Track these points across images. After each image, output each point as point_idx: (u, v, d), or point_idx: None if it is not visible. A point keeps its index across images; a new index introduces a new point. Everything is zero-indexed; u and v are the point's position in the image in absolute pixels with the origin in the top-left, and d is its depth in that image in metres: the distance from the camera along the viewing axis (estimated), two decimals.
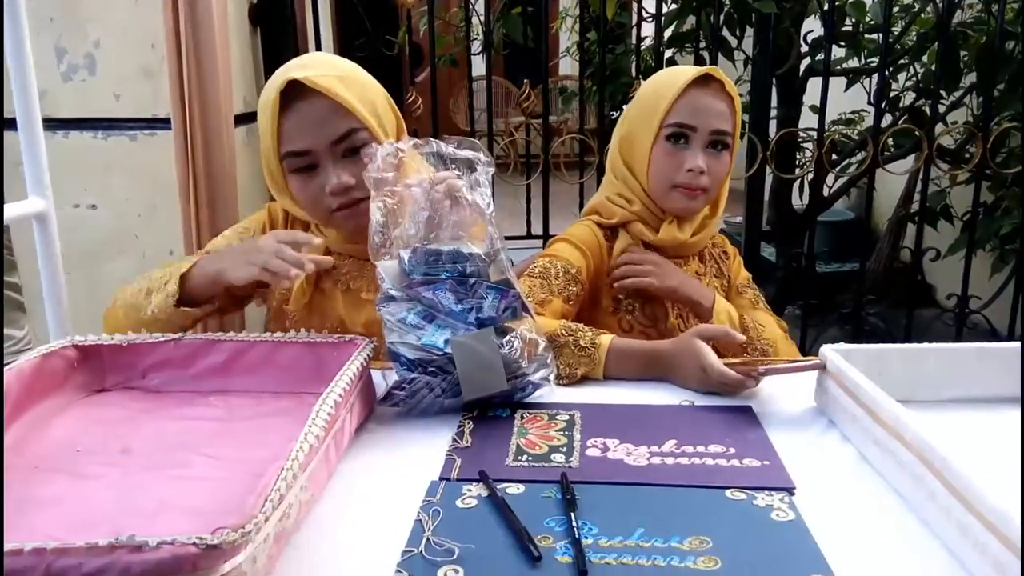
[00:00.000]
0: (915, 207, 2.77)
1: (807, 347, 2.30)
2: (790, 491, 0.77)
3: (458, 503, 0.75)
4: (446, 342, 0.93)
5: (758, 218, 2.36)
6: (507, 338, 0.94)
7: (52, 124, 1.77)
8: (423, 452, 0.87)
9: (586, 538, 0.69)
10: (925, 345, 0.98)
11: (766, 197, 2.54)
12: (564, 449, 0.86)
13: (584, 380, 1.07)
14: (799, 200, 2.97)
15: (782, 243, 3.00)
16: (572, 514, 0.71)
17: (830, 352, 0.94)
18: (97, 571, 0.54)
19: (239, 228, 1.24)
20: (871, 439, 0.82)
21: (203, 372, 1.02)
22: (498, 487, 0.77)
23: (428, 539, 0.69)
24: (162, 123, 1.71)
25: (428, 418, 0.95)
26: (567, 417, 0.94)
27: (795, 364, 0.99)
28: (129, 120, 1.76)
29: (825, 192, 2.68)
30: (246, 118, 1.88)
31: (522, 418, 0.94)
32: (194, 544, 0.55)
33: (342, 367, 0.89)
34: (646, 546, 0.68)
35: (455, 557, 0.66)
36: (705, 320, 1.23)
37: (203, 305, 1.08)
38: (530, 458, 0.84)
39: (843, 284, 3.22)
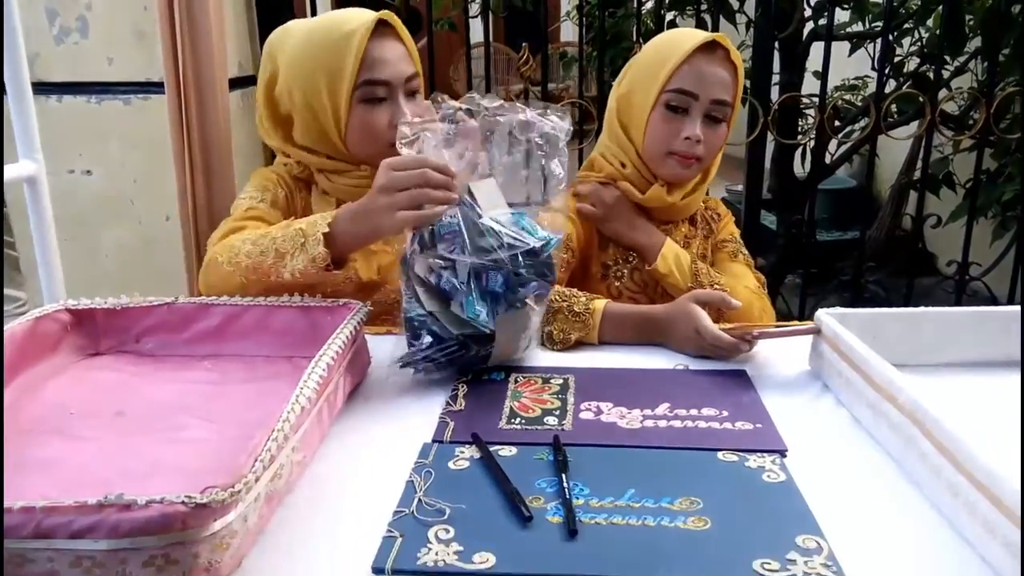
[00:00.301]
0: (917, 174, 2.75)
1: (806, 315, 2.30)
2: (782, 453, 0.77)
3: (450, 465, 0.75)
4: (490, 317, 0.90)
5: (759, 185, 2.34)
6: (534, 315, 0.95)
7: (44, 88, 1.75)
8: (416, 415, 0.87)
9: (577, 499, 0.69)
10: (921, 309, 0.97)
11: (767, 164, 2.52)
12: (557, 412, 0.86)
13: (578, 345, 1.06)
14: (800, 167, 2.95)
15: (783, 211, 2.98)
16: (563, 475, 0.71)
17: (825, 316, 0.94)
18: (86, 529, 0.54)
19: (257, 186, 1.18)
20: (864, 402, 0.82)
21: (197, 336, 1.02)
22: (491, 449, 0.77)
23: (420, 500, 0.69)
24: (156, 87, 1.68)
25: (422, 382, 0.95)
26: (561, 381, 0.94)
27: (790, 328, 0.99)
28: (122, 84, 1.74)
29: (827, 159, 2.66)
30: (241, 82, 1.86)
31: (516, 382, 0.94)
32: (183, 503, 0.55)
33: (336, 331, 0.89)
34: (636, 506, 0.68)
35: (446, 517, 0.66)
36: (651, 265, 1.23)
37: (344, 267, 1.02)
38: (523, 421, 0.84)
39: (843, 252, 3.21)
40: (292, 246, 0.97)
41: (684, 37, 1.22)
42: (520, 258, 0.91)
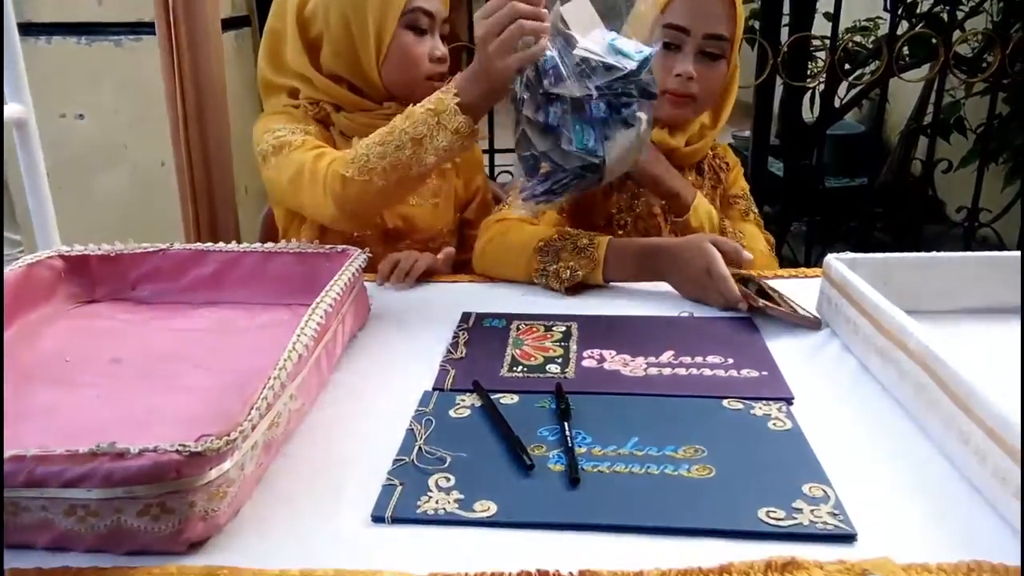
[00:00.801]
0: (928, 119, 2.69)
1: (812, 263, 2.27)
2: (788, 401, 0.76)
3: (451, 413, 0.74)
4: (599, 143, 0.90)
5: (766, 130, 2.29)
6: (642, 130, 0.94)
7: (33, 29, 1.70)
8: (416, 363, 0.85)
9: (579, 447, 0.68)
10: (932, 254, 0.95)
11: (775, 109, 2.47)
12: (559, 360, 0.85)
13: (583, 289, 1.05)
14: (809, 112, 2.89)
15: (790, 157, 2.93)
16: (566, 423, 0.70)
17: (834, 261, 0.91)
18: (78, 478, 0.53)
19: (286, 121, 1.14)
20: (873, 349, 0.80)
21: (193, 283, 1.00)
22: (492, 397, 0.76)
23: (420, 448, 0.68)
24: (147, 28, 1.63)
25: (422, 329, 0.94)
26: (563, 328, 0.93)
27: (796, 313, 0.94)
28: (113, 25, 1.69)
29: (836, 104, 2.60)
30: (234, 23, 1.81)
31: (517, 329, 0.93)
32: (176, 451, 0.54)
33: (334, 277, 0.87)
34: (639, 455, 0.67)
35: (446, 465, 0.65)
36: (681, 216, 1.17)
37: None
38: (525, 369, 0.83)
39: (851, 199, 3.16)
40: (427, 128, 0.93)
41: None
42: (619, 82, 0.90)
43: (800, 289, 1.01)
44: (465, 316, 0.97)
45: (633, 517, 0.59)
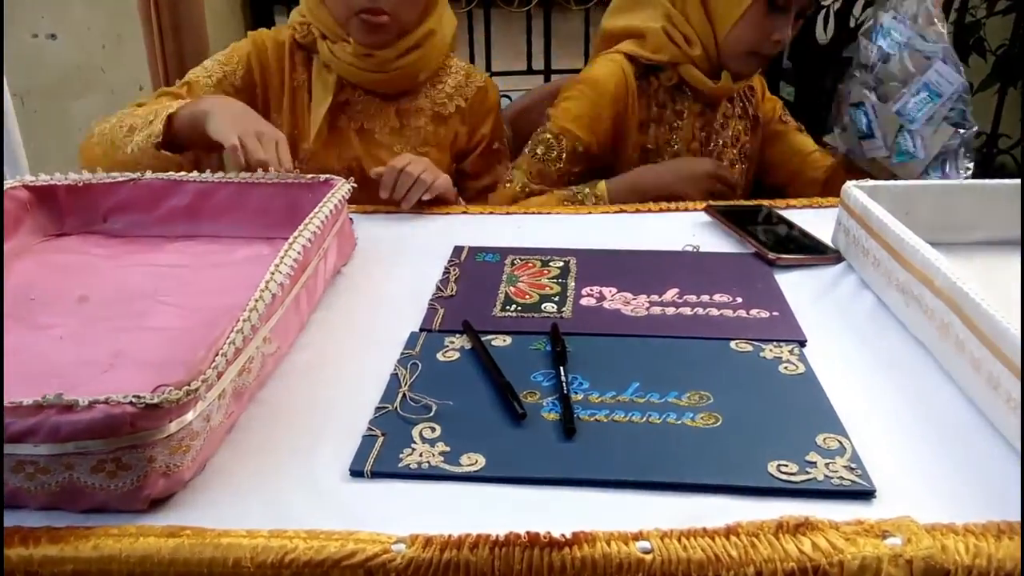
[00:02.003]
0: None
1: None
2: (801, 343, 0.71)
3: (439, 356, 0.69)
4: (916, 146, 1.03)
5: (778, 53, 2.18)
6: None
7: None
8: (404, 301, 0.80)
9: (575, 393, 0.63)
10: (957, 182, 0.89)
11: None
12: (556, 298, 0.79)
13: (582, 229, 0.99)
14: (823, 33, 2.76)
15: (803, 81, 2.81)
16: (561, 368, 0.65)
17: (853, 189, 0.85)
18: (24, 432, 0.49)
19: (220, 58, 1.13)
20: (894, 284, 0.74)
21: (168, 215, 0.94)
22: (483, 339, 0.71)
23: (404, 395, 0.63)
24: None
25: (411, 264, 0.88)
26: (561, 264, 0.87)
27: (811, 256, 0.88)
28: None
29: (851, 23, 2.47)
30: None
31: (512, 264, 0.87)
32: (131, 403, 0.49)
33: (314, 209, 0.81)
34: (640, 402, 0.62)
35: (432, 414, 0.60)
36: None
37: (185, 152, 0.99)
38: (519, 308, 0.77)
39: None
40: (144, 122, 0.96)
41: None
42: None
43: (815, 220, 0.95)
44: (457, 250, 0.91)
45: (632, 471, 0.54)
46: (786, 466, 0.54)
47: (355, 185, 0.90)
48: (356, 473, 0.55)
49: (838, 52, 2.28)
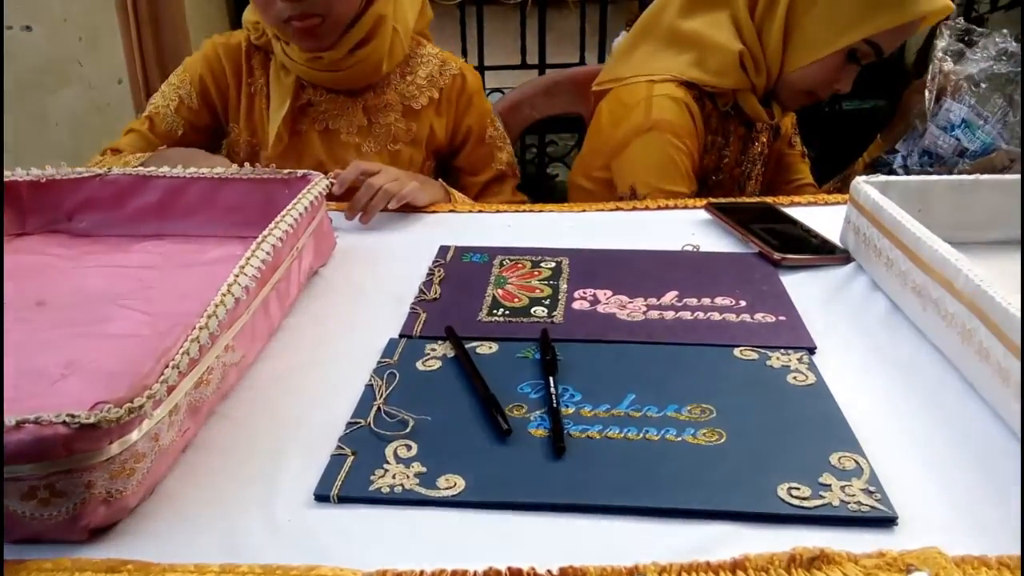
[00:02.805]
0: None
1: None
2: (810, 350, 0.65)
3: (419, 365, 0.64)
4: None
5: None
6: None
7: None
8: (384, 305, 0.75)
9: (566, 406, 0.58)
10: (974, 177, 0.83)
11: None
12: (547, 302, 0.74)
13: (575, 227, 0.93)
14: None
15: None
16: (551, 378, 0.60)
17: (864, 184, 0.80)
18: None
19: (175, 81, 1.11)
20: (909, 287, 0.69)
21: (137, 213, 0.89)
22: (467, 346, 0.66)
23: (379, 408, 0.58)
24: None
25: (393, 265, 0.83)
26: (553, 264, 0.82)
27: (819, 256, 0.83)
28: None
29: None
30: None
31: (501, 265, 0.82)
32: (64, 423, 0.43)
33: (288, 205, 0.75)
34: (636, 416, 0.57)
35: (409, 430, 0.55)
36: None
37: None
38: (507, 312, 0.72)
39: (865, 123, 3.00)
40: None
41: None
42: None
43: (820, 218, 0.90)
44: (442, 250, 0.86)
45: (628, 495, 0.49)
46: (797, 489, 0.49)
47: (333, 181, 0.85)
48: (321, 498, 0.49)
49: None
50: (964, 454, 0.53)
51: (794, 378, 0.61)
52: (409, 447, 0.53)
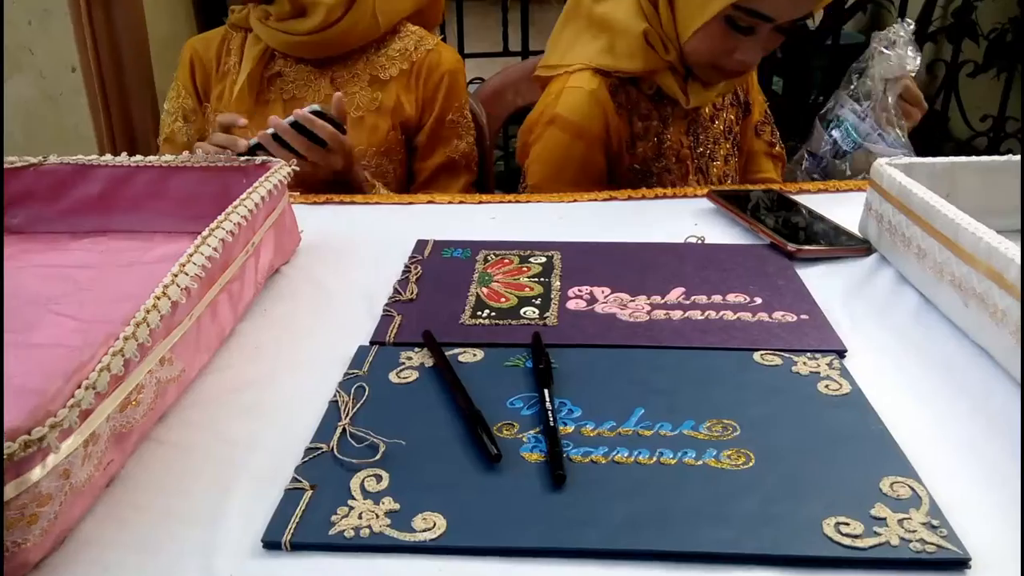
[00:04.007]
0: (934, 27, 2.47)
1: None
2: (839, 353, 0.57)
3: (392, 377, 0.55)
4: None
5: None
6: None
7: None
8: (354, 307, 0.66)
9: (564, 424, 0.49)
10: (1007, 158, 0.76)
11: None
12: (538, 301, 0.65)
13: (567, 218, 0.85)
14: (810, 19, 2.64)
15: (790, 69, 2.69)
16: (546, 391, 0.51)
17: (887, 167, 0.72)
18: None
19: (172, 94, 1.10)
20: (947, 280, 0.61)
21: (77, 207, 0.79)
22: (448, 353, 0.57)
23: (344, 430, 0.49)
24: None
25: (364, 262, 0.74)
26: (543, 259, 0.73)
27: (837, 247, 0.75)
28: None
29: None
30: None
31: (486, 261, 0.73)
32: None
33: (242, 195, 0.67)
34: (647, 435, 0.48)
35: (379, 457, 0.46)
36: None
37: None
38: (493, 314, 0.64)
39: None
40: None
41: None
42: None
43: (831, 206, 0.83)
44: (420, 245, 0.77)
45: (640, 536, 0.41)
46: (847, 524, 0.41)
47: (296, 168, 0.76)
48: (271, 545, 0.41)
49: (826, 37, 2.16)
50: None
51: (826, 386, 0.53)
52: (379, 478, 0.45)
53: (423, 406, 0.52)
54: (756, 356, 0.57)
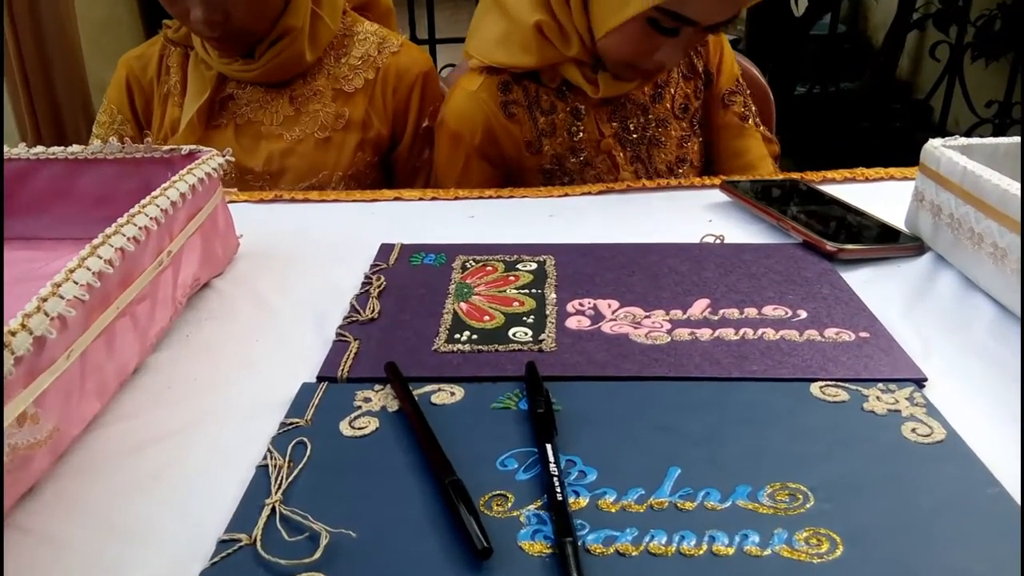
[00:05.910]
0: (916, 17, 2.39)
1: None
2: (918, 383, 0.45)
3: (344, 428, 0.42)
4: None
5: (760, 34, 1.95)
6: None
7: None
8: (300, 331, 0.53)
9: (576, 494, 0.36)
10: None
11: None
12: (531, 319, 0.52)
13: (559, 216, 0.72)
14: (795, 6, 2.54)
15: (774, 60, 2.59)
16: (548, 446, 0.38)
17: (944, 149, 0.60)
18: None
19: (103, 118, 0.98)
20: None
21: None
22: (418, 392, 0.44)
23: (273, 509, 0.36)
24: None
25: (316, 273, 0.61)
26: (534, 266, 0.60)
27: (884, 245, 0.63)
28: None
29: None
30: None
31: (464, 269, 0.60)
32: None
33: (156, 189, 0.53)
34: (689, 508, 0.35)
35: (318, 555, 0.33)
36: None
37: None
38: (475, 336, 0.51)
39: (825, 107, 2.83)
40: None
41: None
42: None
43: (875, 190, 0.71)
44: (384, 250, 0.64)
45: None
46: None
47: (232, 159, 0.62)
48: None
49: (810, 27, 2.07)
50: None
51: (912, 430, 0.41)
52: None
53: (383, 472, 0.38)
54: (814, 388, 0.44)
